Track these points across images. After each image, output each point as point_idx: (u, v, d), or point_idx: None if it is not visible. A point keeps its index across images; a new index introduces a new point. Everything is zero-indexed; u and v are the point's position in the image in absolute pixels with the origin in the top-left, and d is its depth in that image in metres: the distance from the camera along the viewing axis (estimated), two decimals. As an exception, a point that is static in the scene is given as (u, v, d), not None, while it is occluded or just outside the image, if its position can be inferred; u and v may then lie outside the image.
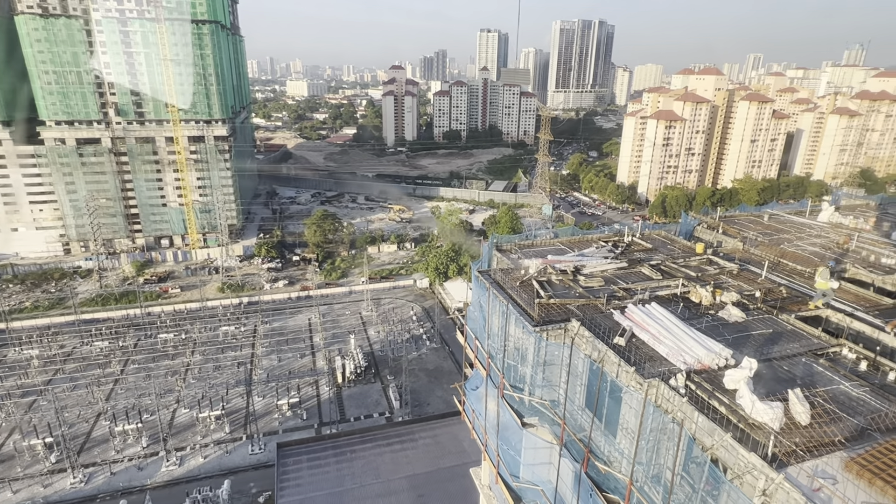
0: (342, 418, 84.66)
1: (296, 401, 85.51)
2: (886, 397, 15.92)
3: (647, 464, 16.40)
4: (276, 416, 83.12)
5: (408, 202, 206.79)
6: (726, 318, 20.55)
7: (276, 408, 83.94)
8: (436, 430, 71.99)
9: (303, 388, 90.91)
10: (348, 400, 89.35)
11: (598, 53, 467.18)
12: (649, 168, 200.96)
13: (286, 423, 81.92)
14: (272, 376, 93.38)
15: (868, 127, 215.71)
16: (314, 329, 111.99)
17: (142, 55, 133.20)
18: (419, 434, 71.78)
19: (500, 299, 21.16)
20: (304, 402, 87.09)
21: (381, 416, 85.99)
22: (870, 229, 33.19)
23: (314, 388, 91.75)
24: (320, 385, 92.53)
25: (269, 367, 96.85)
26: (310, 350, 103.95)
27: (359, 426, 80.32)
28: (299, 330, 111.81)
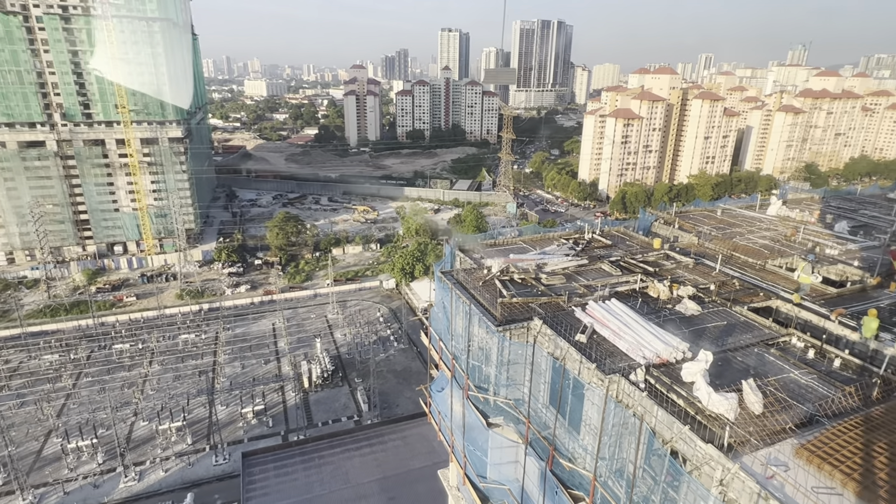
0: (310, 424, 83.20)
1: (261, 408, 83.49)
2: (832, 383, 16.61)
3: (610, 459, 16.61)
4: (240, 424, 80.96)
5: (372, 203, 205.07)
6: (683, 311, 21.05)
7: (241, 416, 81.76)
8: (405, 431, 71.66)
9: (268, 394, 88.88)
10: (315, 405, 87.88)
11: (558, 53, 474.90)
12: (609, 165, 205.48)
13: (251, 431, 79.90)
14: (236, 384, 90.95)
15: (811, 123, 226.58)
16: (279, 334, 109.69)
17: (88, 54, 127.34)
18: (388, 436, 71.31)
19: (463, 300, 21.09)
20: (270, 409, 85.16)
21: (349, 420, 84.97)
22: (814, 221, 34.75)
23: (280, 395, 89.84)
24: (286, 391, 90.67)
25: (233, 374, 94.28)
26: (274, 356, 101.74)
27: (327, 431, 79.07)
28: (263, 335, 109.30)
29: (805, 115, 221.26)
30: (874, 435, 13.33)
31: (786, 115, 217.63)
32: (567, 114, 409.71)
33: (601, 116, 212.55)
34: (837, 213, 37.53)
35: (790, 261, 27.19)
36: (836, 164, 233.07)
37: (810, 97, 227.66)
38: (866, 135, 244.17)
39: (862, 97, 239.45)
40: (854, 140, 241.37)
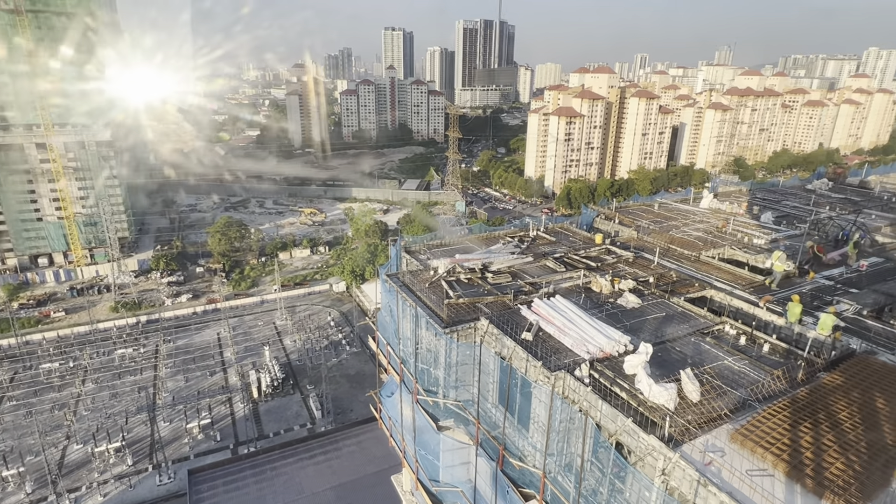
0: (260, 435, 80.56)
1: (207, 422, 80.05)
2: (762, 368, 17.45)
3: (559, 454, 16.78)
4: (186, 440, 77.32)
5: (319, 205, 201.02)
6: (624, 304, 21.61)
7: (186, 432, 78.09)
8: (360, 436, 70.79)
9: (215, 407, 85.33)
10: (266, 415, 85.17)
11: (501, 52, 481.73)
12: (554, 162, 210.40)
13: (198, 446, 76.48)
14: (179, 398, 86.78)
15: (738, 120, 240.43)
16: (224, 344, 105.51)
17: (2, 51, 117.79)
18: (343, 442, 70.23)
19: (410, 302, 20.79)
20: (218, 422, 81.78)
21: (302, 428, 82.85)
22: (742, 213, 36.70)
23: (228, 407, 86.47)
24: (234, 402, 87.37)
25: (175, 388, 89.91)
26: (220, 366, 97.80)
27: (279, 441, 76.78)
28: (207, 346, 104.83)
29: (732, 111, 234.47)
30: (800, 416, 14.07)
31: (715, 112, 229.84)
32: (512, 112, 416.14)
33: (545, 115, 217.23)
34: (763, 205, 39.80)
35: (722, 251, 28.54)
36: (762, 157, 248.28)
37: (736, 95, 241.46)
38: (787, 130, 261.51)
39: (781, 95, 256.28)
40: (776, 135, 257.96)
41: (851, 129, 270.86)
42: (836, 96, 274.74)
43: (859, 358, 17.48)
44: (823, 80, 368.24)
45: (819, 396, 14.95)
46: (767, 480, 12.37)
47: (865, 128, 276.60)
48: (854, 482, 11.82)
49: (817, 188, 45.96)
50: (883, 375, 16.17)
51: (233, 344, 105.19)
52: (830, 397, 14.88)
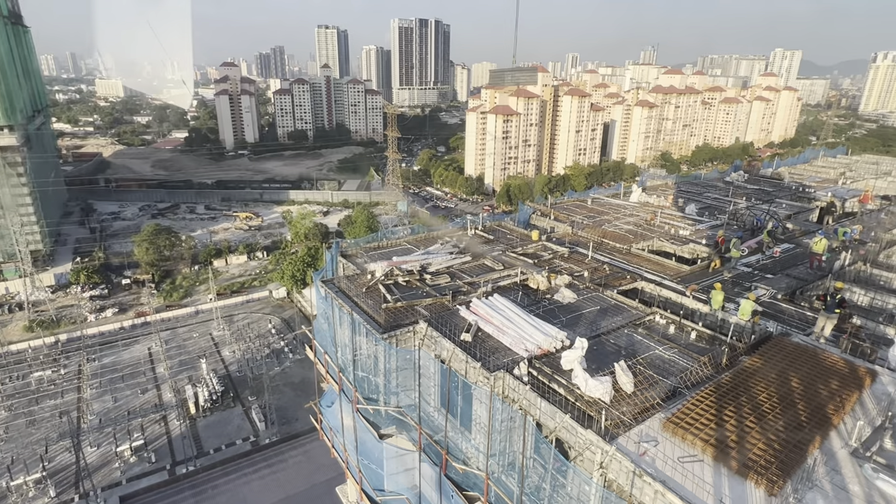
0: (200, 452, 76.46)
1: (140, 443, 75.09)
2: (690, 355, 18.19)
3: (502, 454, 16.77)
4: (116, 465, 72.14)
5: (255, 208, 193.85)
6: (561, 300, 21.96)
7: (117, 455, 72.87)
8: (306, 445, 69.14)
9: (148, 427, 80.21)
10: (205, 430, 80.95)
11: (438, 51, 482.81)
12: (493, 160, 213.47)
13: (130, 470, 71.58)
14: (107, 420, 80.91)
15: (663, 116, 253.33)
16: (156, 359, 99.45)
17: None
18: (289, 453, 68.35)
19: (346, 309, 20.17)
20: (152, 442, 76.90)
21: (245, 442, 79.37)
22: (669, 206, 38.42)
23: (162, 425, 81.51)
24: (170, 420, 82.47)
25: (103, 410, 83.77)
26: (153, 383, 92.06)
27: (220, 457, 73.29)
28: (137, 362, 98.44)
29: (658, 108, 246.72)
30: (724, 400, 14.72)
31: (642, 110, 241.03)
32: (450, 111, 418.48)
33: (482, 113, 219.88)
34: (687, 197, 41.88)
35: (651, 243, 29.69)
36: (686, 152, 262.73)
37: (661, 93, 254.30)
38: (707, 125, 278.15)
39: (701, 92, 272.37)
40: (698, 130, 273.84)
41: (763, 125, 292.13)
42: (749, 94, 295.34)
43: (776, 340, 18.57)
44: (737, 79, 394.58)
45: (741, 380, 15.71)
46: (698, 466, 12.81)
47: (775, 123, 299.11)
48: (774, 461, 12.45)
49: (734, 180, 48.94)
50: (797, 356, 17.24)
51: (166, 358, 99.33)
52: (751, 380, 15.68)
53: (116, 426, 78.82)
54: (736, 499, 11.79)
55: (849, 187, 47.70)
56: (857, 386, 15.80)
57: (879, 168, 58.51)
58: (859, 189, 46.90)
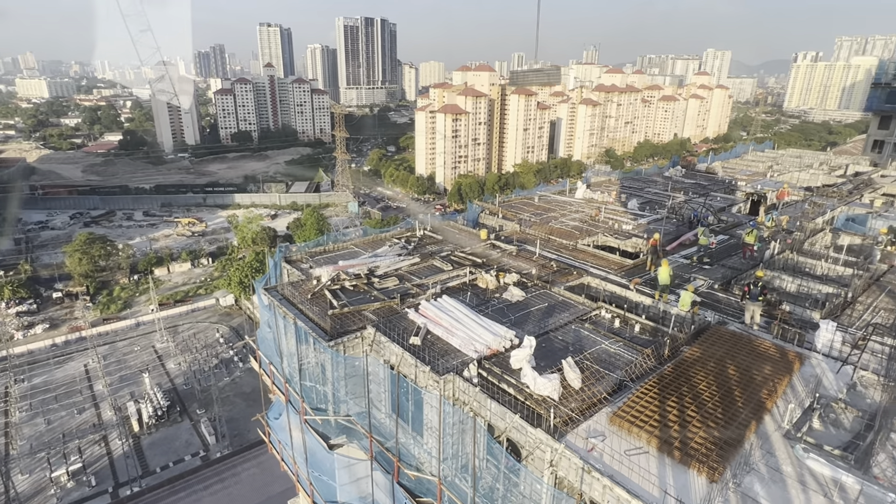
0: (145, 472, 72.61)
1: (78, 467, 70.60)
2: (635, 348, 18.62)
3: (455, 457, 16.60)
4: (52, 492, 67.47)
5: (198, 213, 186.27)
6: (510, 298, 22.04)
7: (52, 482, 68.15)
8: (260, 456, 67.05)
9: (87, 448, 75.49)
10: (151, 448, 76.98)
11: (385, 50, 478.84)
12: (443, 159, 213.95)
13: (68, 496, 67.16)
14: (40, 445, 75.58)
15: (606, 114, 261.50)
16: (94, 376, 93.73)
17: None
18: (241, 466, 66.07)
19: (290, 317, 19.46)
20: (91, 464, 72.44)
21: (194, 458, 76.03)
22: (613, 201, 39.49)
23: (103, 446, 76.92)
24: (111, 440, 77.93)
25: (35, 434, 78.17)
26: (91, 402, 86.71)
27: (168, 475, 69.96)
28: (73, 381, 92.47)
29: (601, 106, 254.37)
30: (667, 391, 15.12)
31: (586, 108, 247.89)
32: (399, 110, 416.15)
33: (431, 112, 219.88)
34: (629, 192, 43.20)
35: (596, 238, 30.36)
36: (628, 148, 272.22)
37: (603, 91, 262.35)
38: (647, 122, 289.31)
39: (641, 91, 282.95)
40: (639, 127, 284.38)
41: (698, 121, 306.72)
42: (685, 92, 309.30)
43: (714, 329, 19.31)
44: (674, 78, 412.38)
45: (682, 370, 16.20)
46: (644, 458, 13.07)
47: (709, 119, 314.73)
48: (714, 448, 12.87)
49: (673, 175, 50.93)
50: (733, 344, 17.97)
51: (104, 375, 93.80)
52: (692, 370, 16.20)
53: (50, 450, 73.76)
54: (679, 488, 12.08)
55: (776, 180, 50.63)
56: (787, 370, 16.62)
57: (802, 161, 62.49)
58: (786, 181, 49.88)
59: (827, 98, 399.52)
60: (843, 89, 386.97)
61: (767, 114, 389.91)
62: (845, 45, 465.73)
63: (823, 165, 59.04)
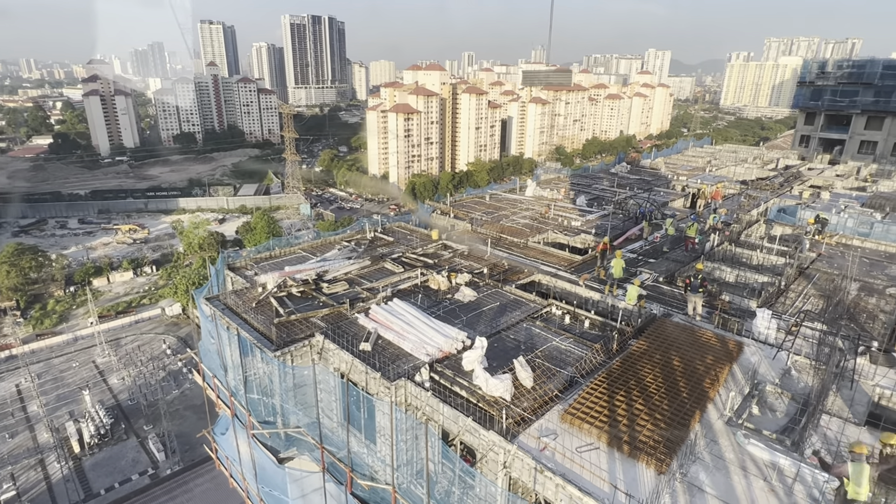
0: (88, 495, 68.61)
1: (12, 495, 65.94)
2: (585, 343, 18.87)
3: (409, 464, 16.31)
4: (-19, 524, 62.80)
5: (140, 220, 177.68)
6: (461, 299, 21.92)
7: (-19, 513, 63.46)
8: (213, 471, 64.49)
9: (21, 474, 70.59)
10: (94, 470, 72.75)
11: (333, 49, 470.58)
12: (396, 159, 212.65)
13: (0, 528, 62.69)
14: (-34, 474, 70.09)
15: (555, 112, 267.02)
16: (27, 396, 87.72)
17: None
18: (194, 482, 63.47)
19: (233, 327, 18.62)
20: (27, 491, 67.80)
21: (142, 476, 72.42)
22: (562, 198, 40.14)
23: (40, 470, 72.12)
24: (48, 463, 73.14)
25: (-41, 463, 72.44)
26: (25, 424, 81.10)
27: (113, 497, 66.43)
28: (3, 403, 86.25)
29: (550, 105, 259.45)
30: (615, 386, 15.35)
31: (536, 106, 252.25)
32: (350, 110, 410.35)
33: (383, 112, 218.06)
34: (578, 189, 44.07)
35: (546, 236, 30.71)
36: (577, 145, 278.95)
37: (552, 90, 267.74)
38: (595, 120, 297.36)
39: (588, 89, 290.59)
40: (587, 125, 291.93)
41: (643, 118, 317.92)
42: (629, 90, 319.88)
43: (659, 322, 19.82)
44: (618, 77, 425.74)
45: (630, 364, 16.51)
46: (594, 454, 13.19)
47: (652, 116, 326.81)
48: (661, 440, 13.13)
49: (619, 171, 52.35)
50: (677, 335, 18.49)
51: (39, 394, 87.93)
52: (638, 363, 16.53)
53: (-21, 479, 68.51)
54: (629, 482, 12.24)
55: (714, 174, 52.92)
56: (728, 359, 17.24)
57: (738, 156, 65.68)
58: (723, 175, 52.23)
59: (759, 95, 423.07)
60: (773, 87, 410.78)
61: (706, 111, 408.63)
62: (773, 45, 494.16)
63: (757, 160, 62.22)
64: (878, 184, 46.83)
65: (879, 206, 34.51)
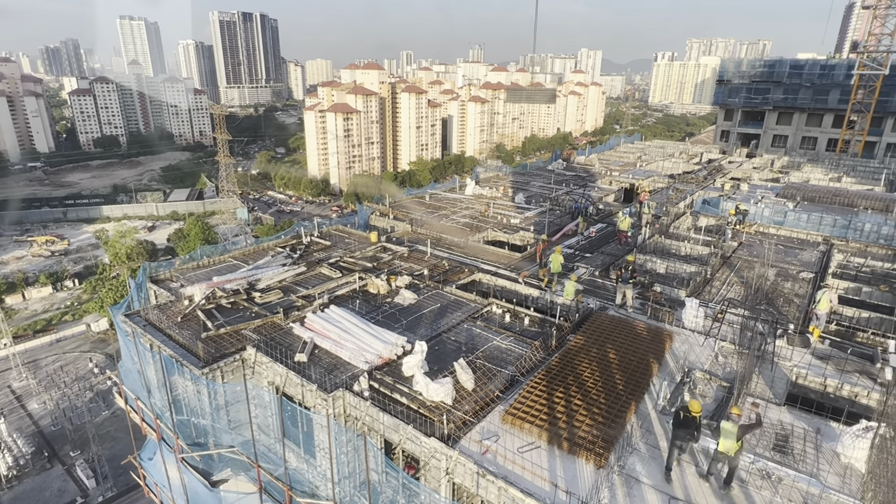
0: (8, 532, 63.08)
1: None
2: (525, 341, 18.95)
3: (352, 475, 15.78)
4: None
5: (59, 230, 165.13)
6: (402, 302, 21.52)
7: None
8: (150, 495, 60.51)
9: (-74, 519, 63.92)
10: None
11: (267, 48, 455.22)
12: (336, 159, 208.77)
13: None
14: None
15: (494, 111, 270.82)
16: (-71, 430, 79.36)
17: None
18: (128, 508, 59.27)
19: (156, 345, 17.36)
20: (-66, 537, 61.48)
21: (70, 507, 67.45)
22: (501, 196, 40.51)
23: (-53, 511, 65.55)
24: (-41, 502, 66.62)
25: None
26: (-73, 461, 73.32)
27: (36, 533, 61.30)
28: None
29: (489, 103, 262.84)
30: (554, 383, 15.47)
31: (475, 105, 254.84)
32: (287, 110, 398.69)
33: (321, 112, 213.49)
34: (516, 187, 44.64)
35: (486, 234, 30.82)
36: (517, 143, 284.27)
37: (490, 89, 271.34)
38: (532, 118, 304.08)
39: (525, 88, 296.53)
40: (526, 123, 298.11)
41: (578, 116, 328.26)
42: (564, 89, 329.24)
43: (596, 316, 20.24)
44: (554, 76, 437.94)
45: (568, 360, 16.71)
46: (535, 453, 13.18)
47: (587, 114, 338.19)
48: (600, 435, 13.31)
49: (555, 168, 53.52)
50: (612, 329, 18.93)
51: (-56, 427, 79.82)
52: (576, 359, 16.76)
53: None
54: (569, 479, 12.31)
55: (645, 169, 55.18)
56: (661, 348, 17.81)
57: (665, 151, 68.87)
58: (653, 170, 54.54)
59: (683, 93, 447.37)
60: (695, 85, 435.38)
61: (636, 108, 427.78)
62: (695, 46, 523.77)
63: (683, 154, 65.45)
64: (789, 175, 50.37)
65: (791, 195, 37.04)
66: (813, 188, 38.66)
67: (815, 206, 34.65)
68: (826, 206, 34.71)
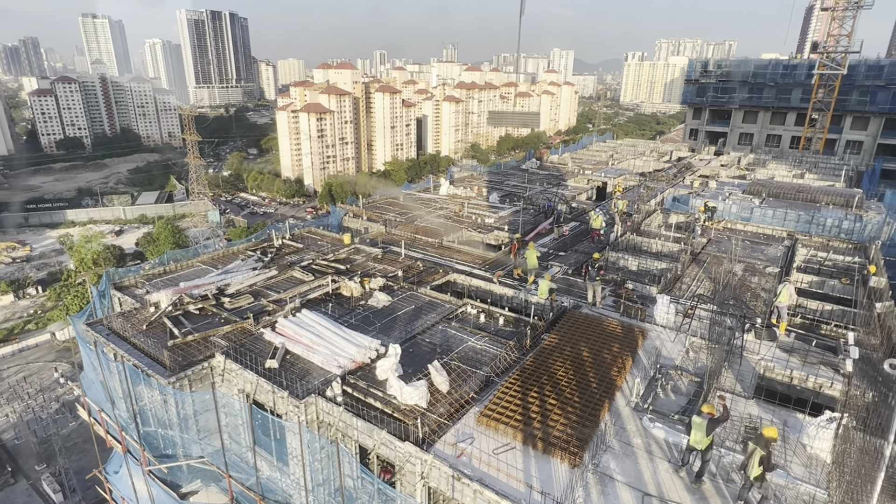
0: (-32, 553, 60.45)
1: None
2: (500, 341, 18.93)
3: (326, 482, 15.50)
4: None
5: (20, 236, 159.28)
6: (375, 304, 21.28)
7: None
8: (120, 507, 58.72)
9: None
10: (-26, 524, 64.26)
11: (237, 46, 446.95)
12: (310, 160, 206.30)
13: None
14: None
15: (469, 110, 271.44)
16: None
17: None
18: (98, 522, 57.34)
19: (119, 354, 16.76)
20: None
21: (35, 524, 65.06)
22: (475, 196, 40.52)
23: None
24: (-86, 524, 63.63)
25: None
26: None
27: (-1, 552, 58.93)
28: None
29: (463, 103, 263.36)
30: (529, 383, 15.47)
31: (450, 104, 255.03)
32: (259, 111, 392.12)
33: (293, 112, 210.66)
34: (491, 186, 44.73)
35: (460, 234, 30.76)
36: (492, 142, 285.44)
37: (464, 88, 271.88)
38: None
39: (499, 88, 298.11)
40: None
41: (551, 115, 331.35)
42: (538, 88, 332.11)
43: (569, 314, 20.34)
44: (527, 75, 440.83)
45: (542, 360, 16.74)
46: (511, 454, 13.15)
47: (560, 113, 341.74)
48: (574, 434, 13.35)
49: (529, 167, 53.82)
50: (585, 327, 19.05)
51: None
52: (550, 358, 16.80)
53: None
54: (544, 479, 12.30)
55: (616, 167, 55.94)
56: (633, 345, 17.99)
57: (637, 149, 69.99)
58: (624, 168, 55.32)
59: (653, 93, 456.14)
60: (665, 85, 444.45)
61: (608, 107, 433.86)
62: (664, 46, 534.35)
63: (654, 152, 66.59)
64: (755, 172, 51.68)
65: (757, 192, 37.99)
66: (778, 185, 39.73)
67: (780, 203, 35.60)
68: (790, 202, 35.70)
